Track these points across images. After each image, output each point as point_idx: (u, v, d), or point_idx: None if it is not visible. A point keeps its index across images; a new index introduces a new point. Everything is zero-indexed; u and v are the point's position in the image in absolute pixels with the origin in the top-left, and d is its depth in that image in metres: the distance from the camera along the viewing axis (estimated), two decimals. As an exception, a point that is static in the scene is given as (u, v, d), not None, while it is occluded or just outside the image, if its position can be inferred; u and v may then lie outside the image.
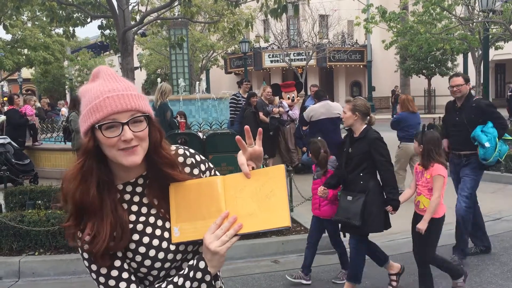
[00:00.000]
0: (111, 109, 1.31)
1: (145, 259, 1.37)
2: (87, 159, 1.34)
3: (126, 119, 1.32)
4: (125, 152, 1.33)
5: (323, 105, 7.74)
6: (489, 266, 4.98)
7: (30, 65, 22.28)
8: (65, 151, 10.94)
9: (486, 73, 13.47)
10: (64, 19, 7.17)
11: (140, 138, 1.34)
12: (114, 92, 1.33)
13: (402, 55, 27.88)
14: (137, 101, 1.35)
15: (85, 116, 1.35)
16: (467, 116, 5.06)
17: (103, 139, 1.32)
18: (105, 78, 1.38)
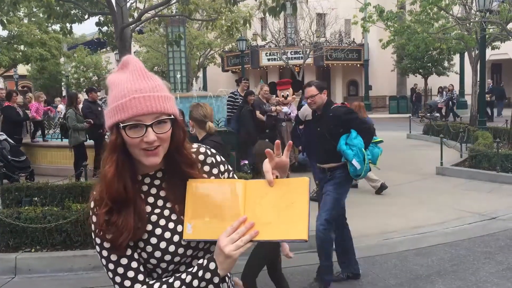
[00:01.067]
0: (136, 111, 1.32)
1: (156, 250, 1.38)
2: (119, 155, 1.37)
3: (151, 121, 1.33)
4: (147, 153, 1.35)
5: None
6: (485, 265, 5.00)
7: (26, 62, 22.16)
8: (61, 148, 10.92)
9: (483, 72, 13.50)
10: (61, 15, 7.14)
11: (163, 140, 1.37)
12: (141, 93, 1.34)
13: (399, 54, 27.90)
14: (163, 103, 1.36)
15: (110, 112, 1.37)
16: (327, 127, 4.61)
17: (127, 138, 1.35)
18: (134, 74, 1.38)
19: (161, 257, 1.39)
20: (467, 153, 10.44)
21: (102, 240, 1.38)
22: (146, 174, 1.45)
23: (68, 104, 9.93)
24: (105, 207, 1.36)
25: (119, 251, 1.36)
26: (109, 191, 1.36)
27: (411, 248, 5.63)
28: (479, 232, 6.13)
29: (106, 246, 1.38)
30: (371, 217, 6.86)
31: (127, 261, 1.38)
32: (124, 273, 1.37)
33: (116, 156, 1.37)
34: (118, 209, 1.37)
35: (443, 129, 14.16)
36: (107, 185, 1.36)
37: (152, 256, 1.39)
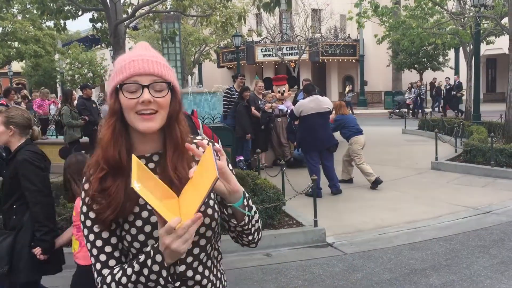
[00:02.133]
0: (134, 70, 1.35)
1: (140, 233, 1.37)
2: (116, 120, 1.38)
3: (148, 82, 1.35)
4: (143, 117, 1.35)
5: (313, 100, 7.75)
6: (479, 259, 5.03)
7: (20, 59, 22.05)
8: (56, 145, 10.87)
9: (477, 67, 13.54)
10: (55, 11, 7.10)
11: (159, 105, 1.36)
12: (140, 57, 1.37)
13: (394, 49, 27.93)
14: (161, 68, 1.38)
15: (111, 78, 1.41)
16: None
17: (124, 100, 1.35)
18: (138, 48, 1.43)
19: (144, 241, 1.37)
20: (462, 148, 10.48)
21: (89, 209, 1.38)
22: (142, 155, 1.43)
23: (63, 101, 9.90)
24: (101, 171, 1.36)
25: (103, 224, 1.36)
26: (105, 155, 1.36)
27: (406, 243, 5.66)
28: (473, 226, 6.16)
29: (91, 216, 1.38)
30: (366, 212, 6.89)
31: (107, 235, 1.38)
32: (101, 247, 1.37)
33: (113, 121, 1.37)
34: (113, 175, 1.37)
35: (438, 124, 14.20)
36: (103, 148, 1.37)
37: (136, 240, 1.37)
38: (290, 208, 6.55)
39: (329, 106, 7.84)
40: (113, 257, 1.38)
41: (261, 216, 5.76)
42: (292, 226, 5.99)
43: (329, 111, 7.84)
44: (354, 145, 8.33)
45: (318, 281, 4.67)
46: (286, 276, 4.82)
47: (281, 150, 10.42)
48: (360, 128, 8.57)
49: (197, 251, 1.43)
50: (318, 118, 7.63)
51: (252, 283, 4.68)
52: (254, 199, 5.84)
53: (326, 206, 7.03)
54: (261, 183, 6.21)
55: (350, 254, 5.37)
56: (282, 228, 5.90)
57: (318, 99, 7.77)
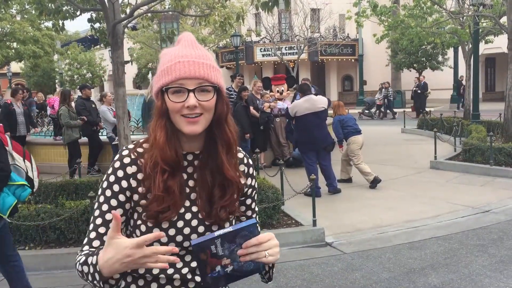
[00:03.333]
0: (179, 74, 1.33)
1: (171, 227, 1.37)
2: (167, 120, 1.37)
3: (193, 86, 1.33)
4: (187, 120, 1.34)
5: (307, 100, 7.74)
6: (478, 257, 5.03)
7: (19, 59, 22.04)
8: (55, 146, 10.88)
9: (476, 67, 13.53)
10: (53, 12, 7.09)
11: (205, 108, 1.34)
12: (186, 58, 1.34)
13: (393, 49, 27.93)
14: (207, 70, 1.35)
15: (157, 77, 1.39)
16: None
17: (169, 103, 1.34)
18: (184, 44, 1.40)
19: (173, 236, 1.38)
20: (461, 147, 10.48)
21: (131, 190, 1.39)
22: (192, 152, 1.43)
23: (61, 101, 9.88)
24: (164, 172, 1.35)
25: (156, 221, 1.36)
26: (164, 156, 1.35)
27: (405, 242, 5.65)
28: (472, 225, 6.16)
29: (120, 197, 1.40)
30: (365, 211, 6.89)
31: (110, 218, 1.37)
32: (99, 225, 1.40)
33: (165, 121, 1.36)
34: (173, 175, 1.36)
35: (437, 123, 14.21)
36: (161, 151, 1.35)
37: (166, 233, 1.37)
38: (289, 207, 6.55)
39: (324, 105, 7.82)
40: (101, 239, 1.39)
41: (260, 216, 5.77)
42: (291, 225, 5.98)
43: (325, 110, 7.83)
44: (352, 145, 8.33)
45: (317, 281, 4.67)
46: (285, 276, 4.82)
47: (280, 150, 10.42)
48: (359, 128, 8.57)
49: None
50: (314, 118, 7.62)
51: (251, 283, 4.66)
52: (253, 198, 5.83)
53: (325, 206, 7.03)
54: (259, 183, 6.21)
55: (349, 254, 5.36)
56: (281, 227, 5.90)
57: (312, 98, 7.75)
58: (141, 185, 1.39)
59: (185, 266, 1.42)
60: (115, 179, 1.40)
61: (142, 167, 1.40)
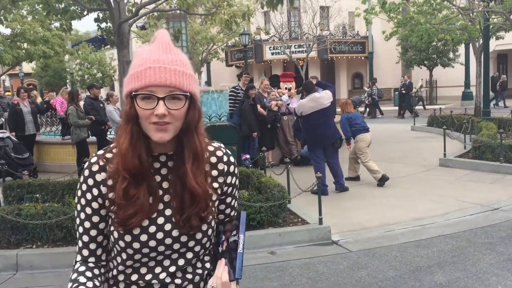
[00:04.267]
0: (149, 81, 1.28)
1: (142, 233, 1.35)
2: (133, 125, 1.33)
3: (163, 94, 1.28)
4: (156, 127, 1.29)
5: (311, 99, 7.69)
6: (486, 256, 4.97)
7: (29, 59, 22.22)
8: (64, 145, 10.96)
9: (487, 63, 13.37)
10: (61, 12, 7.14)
11: (174, 117, 1.30)
12: (158, 63, 1.29)
13: (404, 46, 27.72)
14: (179, 77, 1.29)
15: (126, 80, 1.34)
16: None
17: (138, 109, 1.30)
18: (158, 46, 1.34)
19: (145, 242, 1.36)
20: (471, 144, 10.37)
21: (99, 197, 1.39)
22: (165, 153, 1.40)
23: (69, 101, 9.95)
24: (124, 181, 1.33)
25: (126, 227, 1.34)
26: (125, 163, 1.32)
27: (412, 240, 5.60)
28: (480, 223, 6.09)
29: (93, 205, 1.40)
30: (372, 210, 6.84)
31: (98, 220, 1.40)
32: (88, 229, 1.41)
33: (130, 127, 1.33)
34: (135, 182, 1.33)
35: (447, 120, 14.07)
36: (122, 157, 1.32)
37: (137, 239, 1.36)
38: (295, 206, 6.53)
39: (329, 100, 7.78)
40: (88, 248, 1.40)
41: (266, 214, 5.76)
42: (297, 224, 5.96)
43: (330, 105, 7.79)
44: (360, 143, 8.28)
45: (322, 279, 4.65)
46: (290, 274, 4.80)
47: (288, 148, 10.39)
48: (367, 126, 8.52)
49: (182, 262, 1.42)
50: (319, 115, 7.59)
51: (256, 281, 4.66)
52: (259, 197, 5.83)
53: (332, 204, 7.00)
54: (265, 181, 6.19)
55: (355, 252, 5.33)
56: (287, 226, 5.88)
57: (316, 96, 7.70)
58: (111, 191, 1.37)
59: (163, 271, 1.40)
60: (86, 187, 1.39)
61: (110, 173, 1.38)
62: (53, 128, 13.09)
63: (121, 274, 1.41)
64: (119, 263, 1.40)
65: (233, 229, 1.47)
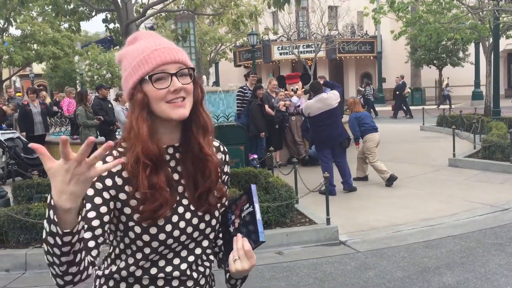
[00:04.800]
0: (160, 59, 1.32)
1: (167, 223, 1.35)
2: (148, 113, 1.34)
3: (175, 71, 1.34)
4: (174, 105, 1.33)
5: (319, 100, 7.67)
6: (495, 256, 4.92)
7: (39, 60, 22.40)
8: (73, 145, 11.00)
9: (497, 62, 13.25)
10: (69, 13, 7.19)
11: (187, 91, 1.35)
12: (160, 45, 1.35)
13: (413, 45, 27.57)
14: (182, 54, 1.37)
15: (131, 72, 1.35)
16: None
17: (152, 92, 1.32)
18: (147, 38, 1.40)
19: (170, 232, 1.36)
20: (481, 144, 10.29)
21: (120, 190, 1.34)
22: (172, 145, 1.42)
23: (78, 101, 10.01)
24: (146, 168, 1.31)
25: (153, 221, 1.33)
26: (146, 150, 1.32)
27: (420, 241, 5.57)
28: (490, 223, 6.04)
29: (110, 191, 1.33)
30: (380, 210, 6.81)
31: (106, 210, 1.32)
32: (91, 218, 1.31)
33: (146, 114, 1.34)
34: (156, 169, 1.33)
35: (457, 120, 13.98)
36: (143, 144, 1.32)
37: (163, 230, 1.35)
38: (303, 206, 6.52)
39: (337, 100, 7.76)
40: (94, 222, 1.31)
41: (274, 214, 5.75)
42: (304, 224, 5.95)
43: (338, 105, 7.77)
44: (369, 143, 8.24)
45: (329, 279, 4.63)
46: (297, 274, 4.79)
47: (296, 148, 10.37)
48: (376, 125, 8.48)
49: (199, 252, 1.45)
50: (327, 116, 7.57)
51: (263, 281, 4.66)
52: (266, 197, 5.83)
53: (339, 204, 6.97)
54: (273, 181, 6.19)
55: (363, 252, 5.31)
56: (294, 226, 5.87)
57: (323, 97, 7.68)
58: (127, 184, 1.34)
59: (182, 262, 1.41)
60: (97, 177, 1.32)
61: (126, 166, 1.36)
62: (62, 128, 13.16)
63: (139, 269, 1.39)
64: (139, 259, 1.37)
65: (243, 203, 1.46)
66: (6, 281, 4.92)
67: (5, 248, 5.39)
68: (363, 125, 8.32)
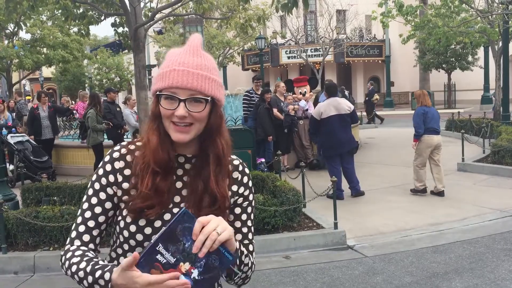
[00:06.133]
0: (172, 82, 1.32)
1: (147, 226, 1.36)
2: (160, 123, 1.37)
3: (185, 97, 1.32)
4: (176, 128, 1.34)
5: (331, 102, 7.65)
6: (504, 262, 4.88)
7: (49, 64, 22.58)
8: (82, 148, 11.08)
9: (506, 66, 13.19)
10: (78, 17, 7.25)
11: (195, 118, 1.34)
12: (182, 66, 1.33)
13: (421, 49, 27.46)
14: (202, 81, 1.33)
15: (154, 79, 1.40)
16: None
17: (161, 108, 1.35)
18: (187, 49, 1.38)
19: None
20: (490, 149, 10.21)
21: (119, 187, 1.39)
22: (184, 154, 1.43)
23: (89, 104, 10.07)
24: (154, 173, 1.35)
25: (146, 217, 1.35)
26: (156, 158, 1.35)
27: (429, 246, 5.53)
28: (499, 228, 5.99)
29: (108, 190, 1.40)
30: (389, 214, 6.77)
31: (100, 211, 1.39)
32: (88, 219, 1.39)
33: (157, 124, 1.37)
34: (164, 176, 1.37)
35: (465, 124, 13.89)
36: (153, 153, 1.35)
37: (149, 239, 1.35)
38: (310, 210, 6.50)
39: (349, 108, 7.72)
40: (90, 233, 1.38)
41: (281, 218, 5.74)
42: (312, 228, 5.93)
43: (349, 113, 7.69)
44: (422, 144, 7.62)
45: (337, 284, 4.61)
46: (305, 279, 4.77)
47: (303, 152, 10.36)
48: (439, 128, 7.75)
49: None
50: (339, 120, 7.53)
51: (270, 285, 4.65)
52: (274, 201, 5.82)
53: (347, 208, 6.95)
54: (280, 185, 6.18)
55: (371, 257, 5.28)
56: (301, 230, 5.85)
57: (337, 101, 7.67)
58: (126, 181, 1.39)
59: None
60: (103, 172, 1.41)
61: (131, 164, 1.40)
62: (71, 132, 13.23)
63: None
64: None
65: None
66: (15, 284, 4.95)
67: (13, 251, 5.42)
68: (426, 124, 7.53)
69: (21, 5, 6.86)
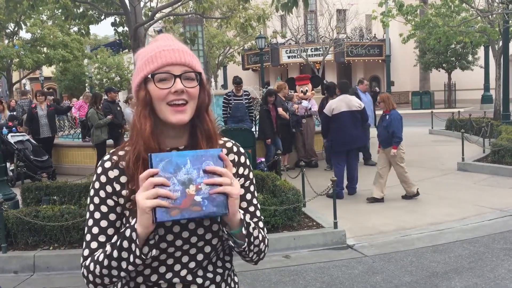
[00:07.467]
0: (166, 60, 1.33)
1: (158, 226, 1.31)
2: (151, 111, 1.34)
3: (179, 73, 1.33)
4: (174, 109, 1.32)
5: (342, 99, 7.74)
6: (504, 262, 4.88)
7: (49, 63, 22.59)
8: (82, 148, 11.09)
9: (506, 66, 13.18)
10: (78, 16, 7.25)
11: (190, 95, 1.34)
12: (170, 47, 1.36)
13: (422, 49, 27.47)
14: (191, 58, 1.36)
15: (139, 69, 1.38)
16: None
17: (155, 91, 1.32)
18: (163, 39, 1.41)
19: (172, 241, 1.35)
20: (490, 148, 10.21)
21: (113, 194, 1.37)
22: (175, 147, 1.40)
23: (90, 103, 10.10)
24: (144, 164, 1.29)
25: None
26: (147, 147, 1.31)
27: (429, 245, 5.53)
28: (499, 228, 5.99)
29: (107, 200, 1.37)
30: (388, 214, 6.77)
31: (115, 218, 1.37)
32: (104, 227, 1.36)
33: (148, 111, 1.34)
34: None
35: (465, 124, 13.89)
36: (145, 140, 1.32)
37: (164, 240, 1.34)
38: (310, 209, 6.50)
39: (360, 105, 7.80)
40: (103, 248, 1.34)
41: (281, 218, 5.74)
42: (311, 227, 5.93)
43: (360, 110, 7.76)
44: (399, 150, 7.63)
45: (336, 284, 4.61)
46: (304, 278, 4.78)
47: (305, 151, 10.36)
48: None
49: (201, 258, 1.41)
50: (350, 116, 7.61)
51: (269, 285, 4.65)
52: (274, 200, 5.82)
53: (347, 208, 6.95)
54: (280, 184, 6.18)
55: (370, 256, 5.28)
56: (301, 229, 5.86)
57: (347, 97, 7.79)
58: (124, 189, 1.36)
59: (183, 268, 1.39)
60: (99, 185, 1.37)
61: (125, 168, 1.36)
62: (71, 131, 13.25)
63: (140, 276, 1.39)
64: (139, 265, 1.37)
65: None
66: (15, 283, 4.96)
67: (13, 250, 5.42)
68: None
69: (21, 5, 6.87)
